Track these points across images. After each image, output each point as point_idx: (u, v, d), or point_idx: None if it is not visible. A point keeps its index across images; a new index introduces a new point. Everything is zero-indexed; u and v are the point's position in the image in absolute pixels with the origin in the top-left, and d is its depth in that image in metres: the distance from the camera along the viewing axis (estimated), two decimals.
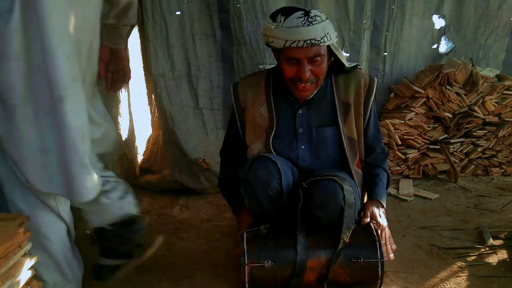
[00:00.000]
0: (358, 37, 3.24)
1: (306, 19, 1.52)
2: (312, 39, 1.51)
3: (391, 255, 1.63)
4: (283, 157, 1.72)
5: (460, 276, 1.78)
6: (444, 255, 1.99)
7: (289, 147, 1.76)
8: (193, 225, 2.49)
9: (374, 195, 1.73)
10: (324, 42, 1.53)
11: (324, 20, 1.55)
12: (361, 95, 1.73)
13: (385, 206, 1.73)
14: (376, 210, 1.68)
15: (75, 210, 1.63)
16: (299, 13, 1.54)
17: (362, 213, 1.69)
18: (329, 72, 1.69)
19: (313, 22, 1.52)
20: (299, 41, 1.51)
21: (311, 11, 1.55)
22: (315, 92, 1.67)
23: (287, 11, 1.56)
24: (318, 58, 1.57)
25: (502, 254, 1.96)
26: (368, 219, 1.63)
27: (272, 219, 1.68)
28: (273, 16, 1.59)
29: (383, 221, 1.66)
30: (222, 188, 2.01)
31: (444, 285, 1.71)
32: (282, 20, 1.54)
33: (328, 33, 1.54)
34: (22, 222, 1.25)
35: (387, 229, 1.66)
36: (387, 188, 1.81)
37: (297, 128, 1.74)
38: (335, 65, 1.71)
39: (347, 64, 1.72)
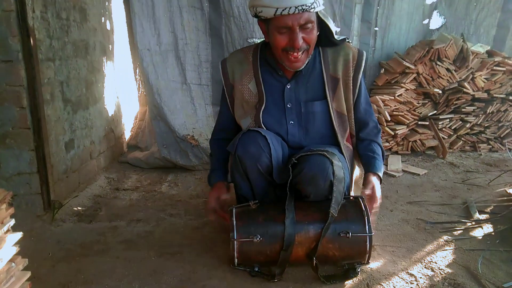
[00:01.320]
0: (349, 11, 3.18)
1: None
2: (303, 5, 1.48)
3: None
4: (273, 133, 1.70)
5: (446, 249, 1.81)
6: (431, 229, 2.01)
7: (278, 123, 1.73)
8: (182, 201, 2.48)
9: (374, 168, 1.71)
10: (314, 7, 1.51)
11: None
12: (349, 69, 1.70)
13: (382, 180, 1.72)
14: (376, 183, 1.67)
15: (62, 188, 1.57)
16: None
17: (363, 185, 1.69)
18: (317, 45, 1.66)
19: None
20: (290, 7, 1.48)
21: None
22: (306, 62, 1.64)
23: None
24: (309, 25, 1.54)
25: (488, 228, 1.99)
26: (369, 191, 1.62)
27: (261, 195, 1.67)
28: None
29: (379, 194, 1.66)
30: (210, 162, 1.99)
31: (431, 259, 1.73)
32: None
33: None
34: (4, 198, 1.21)
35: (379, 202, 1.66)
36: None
37: (286, 103, 1.71)
38: (323, 37, 1.67)
39: (336, 35, 1.68)
